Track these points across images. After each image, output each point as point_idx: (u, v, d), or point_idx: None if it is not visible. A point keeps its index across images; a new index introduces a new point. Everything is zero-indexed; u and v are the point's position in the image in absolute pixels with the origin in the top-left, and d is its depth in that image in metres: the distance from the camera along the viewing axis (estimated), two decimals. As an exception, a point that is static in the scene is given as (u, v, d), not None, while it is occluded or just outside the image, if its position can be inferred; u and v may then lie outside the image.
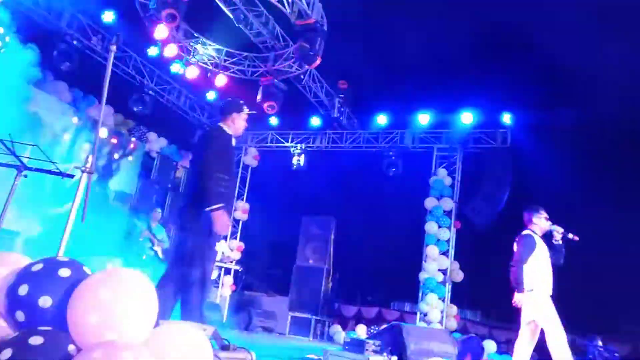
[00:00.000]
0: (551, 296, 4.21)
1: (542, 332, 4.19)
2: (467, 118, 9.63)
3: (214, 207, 3.27)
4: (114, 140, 9.47)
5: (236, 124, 3.62)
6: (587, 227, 4.50)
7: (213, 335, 2.49)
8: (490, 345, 8.46)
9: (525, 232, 4.38)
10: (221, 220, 3.29)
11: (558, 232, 4.33)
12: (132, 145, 9.84)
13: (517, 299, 4.10)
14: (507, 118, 9.51)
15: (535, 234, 4.33)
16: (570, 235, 4.35)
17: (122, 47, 8.90)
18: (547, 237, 4.37)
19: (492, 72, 10.01)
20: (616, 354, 7.62)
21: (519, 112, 9.47)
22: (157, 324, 1.88)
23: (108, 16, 8.16)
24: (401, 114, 10.16)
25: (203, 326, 2.53)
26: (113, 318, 1.59)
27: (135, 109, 9.30)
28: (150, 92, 9.50)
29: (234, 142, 3.67)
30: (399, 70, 10.37)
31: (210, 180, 3.30)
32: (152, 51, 8.66)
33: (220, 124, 3.63)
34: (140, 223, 7.69)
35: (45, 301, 1.69)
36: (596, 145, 10.78)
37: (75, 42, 8.05)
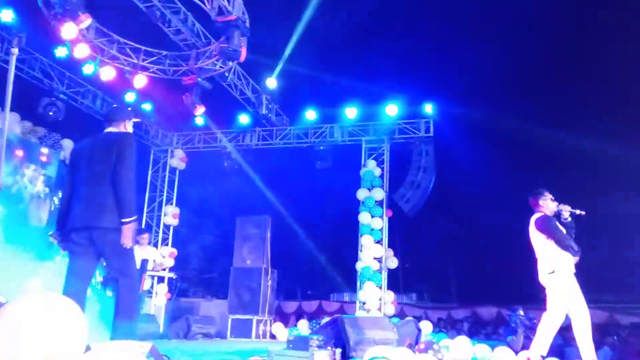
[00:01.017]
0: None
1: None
2: (391, 110, 9.95)
3: (133, 218, 3.19)
4: (19, 153, 8.60)
5: (128, 130, 3.55)
6: (508, 208, 4.74)
7: (151, 353, 2.36)
8: (426, 326, 8.86)
9: (538, 214, 4.37)
10: (132, 233, 3.20)
11: (566, 210, 4.38)
12: (43, 158, 9.01)
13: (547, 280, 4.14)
14: (429, 108, 9.94)
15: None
16: (578, 212, 4.38)
17: (25, 48, 8.15)
18: (556, 216, 4.42)
19: (414, 64, 10.43)
20: (535, 321, 8.33)
21: (440, 103, 9.94)
22: (87, 349, 1.75)
23: (6, 15, 7.41)
24: (329, 108, 10.29)
25: (139, 343, 2.39)
26: (34, 349, 1.45)
27: (46, 114, 8.58)
28: (62, 96, 8.81)
29: None
30: (326, 66, 10.49)
31: (132, 189, 3.22)
32: (61, 52, 8.00)
33: (114, 129, 3.46)
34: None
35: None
36: (511, 133, 11.62)
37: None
